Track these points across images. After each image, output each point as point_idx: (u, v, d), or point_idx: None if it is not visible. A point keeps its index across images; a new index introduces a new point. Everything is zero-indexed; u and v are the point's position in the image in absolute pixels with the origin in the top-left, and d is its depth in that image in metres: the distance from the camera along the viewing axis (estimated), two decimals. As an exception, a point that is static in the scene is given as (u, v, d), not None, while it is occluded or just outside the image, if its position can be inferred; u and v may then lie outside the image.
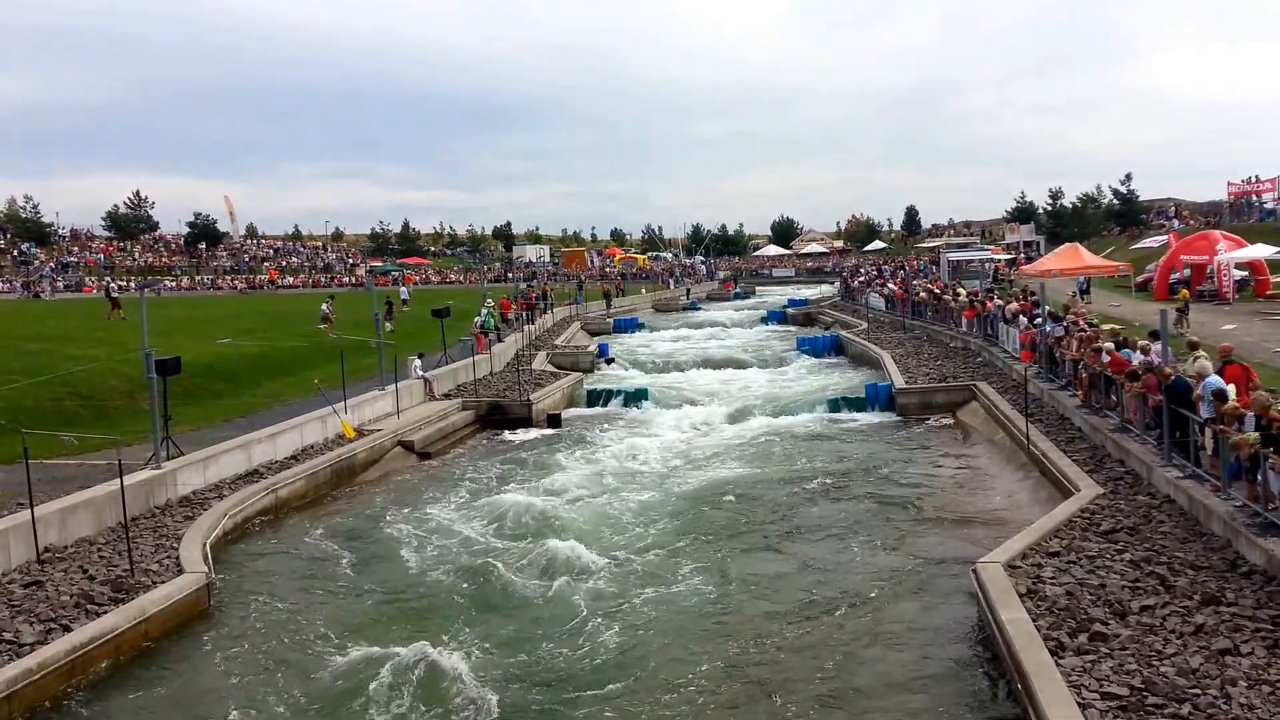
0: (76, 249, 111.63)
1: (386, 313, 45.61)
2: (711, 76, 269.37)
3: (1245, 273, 42.49)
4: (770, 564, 17.24)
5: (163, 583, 15.15)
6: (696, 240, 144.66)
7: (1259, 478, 13.84)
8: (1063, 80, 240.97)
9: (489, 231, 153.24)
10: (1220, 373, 17.03)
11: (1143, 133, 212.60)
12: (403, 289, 65.79)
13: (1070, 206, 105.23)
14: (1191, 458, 16.55)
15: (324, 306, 46.19)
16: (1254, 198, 71.62)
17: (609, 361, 44.82)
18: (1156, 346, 20.11)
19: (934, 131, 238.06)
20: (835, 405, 31.57)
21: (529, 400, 31.36)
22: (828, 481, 22.67)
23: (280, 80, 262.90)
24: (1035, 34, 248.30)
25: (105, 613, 13.94)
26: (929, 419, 29.70)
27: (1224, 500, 14.85)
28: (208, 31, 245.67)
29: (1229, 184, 75.77)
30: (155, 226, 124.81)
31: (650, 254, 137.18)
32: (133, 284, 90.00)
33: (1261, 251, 41.28)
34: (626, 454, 26.32)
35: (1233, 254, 40.99)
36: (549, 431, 30.06)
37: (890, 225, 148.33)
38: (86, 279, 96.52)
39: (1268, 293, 40.89)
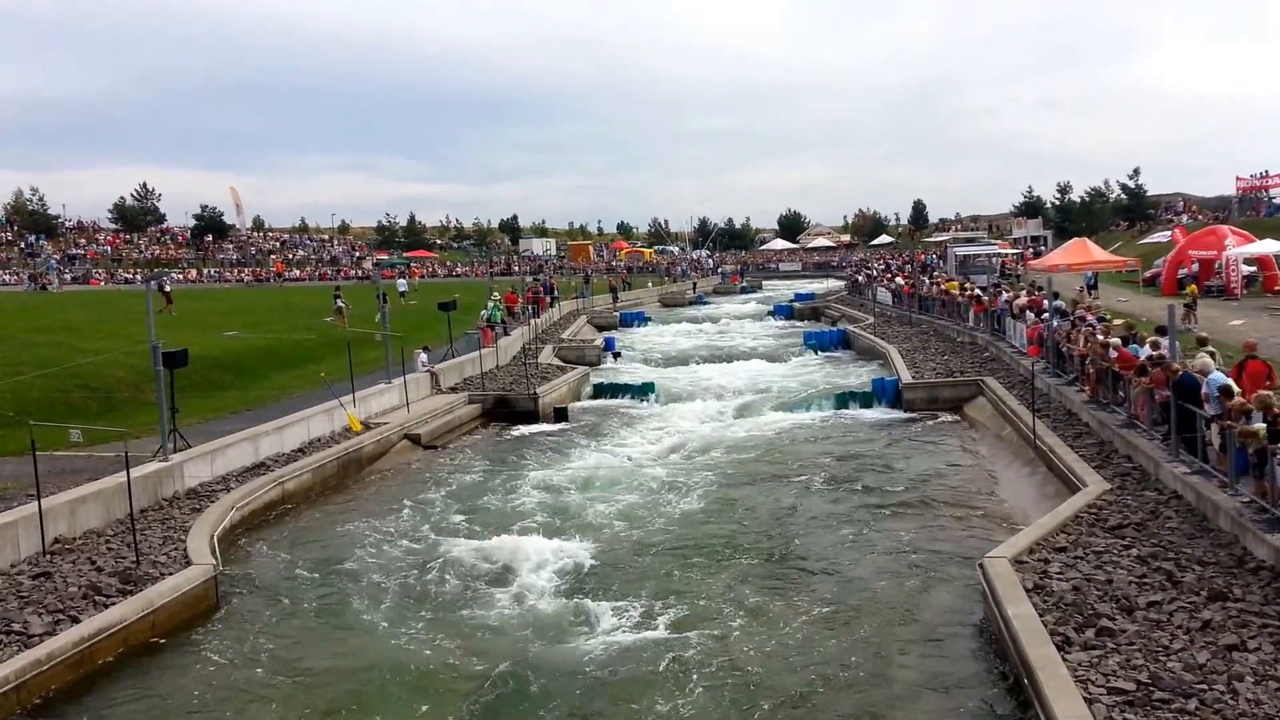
0: (83, 241, 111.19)
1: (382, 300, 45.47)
2: (716, 70, 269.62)
3: (1254, 268, 42.32)
4: (777, 560, 17.21)
5: (170, 575, 15.15)
6: (703, 234, 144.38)
7: (1266, 473, 13.78)
8: (1068, 76, 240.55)
9: (495, 225, 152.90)
10: (1242, 367, 16.98)
11: (1150, 127, 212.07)
12: (401, 282, 65.15)
13: (1078, 201, 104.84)
14: (1199, 453, 16.49)
15: (337, 300, 46.11)
16: (1263, 193, 71.23)
17: (615, 355, 44.84)
18: (1165, 341, 20.05)
19: (940, 126, 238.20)
20: (842, 400, 31.49)
21: (535, 394, 31.33)
22: (834, 477, 22.64)
23: (286, 72, 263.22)
24: (1040, 30, 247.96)
25: (113, 604, 13.94)
26: (936, 414, 29.65)
27: (1231, 496, 14.80)
28: (213, 24, 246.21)
29: (1238, 178, 75.36)
30: (162, 219, 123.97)
31: (656, 248, 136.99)
32: (139, 276, 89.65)
33: (1270, 247, 41.13)
34: (632, 448, 26.33)
35: (1241, 249, 40.85)
36: (556, 425, 30.04)
37: (897, 219, 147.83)
38: (94, 271, 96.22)
39: (1276, 288, 40.77)
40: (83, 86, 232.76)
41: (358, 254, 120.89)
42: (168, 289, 52.25)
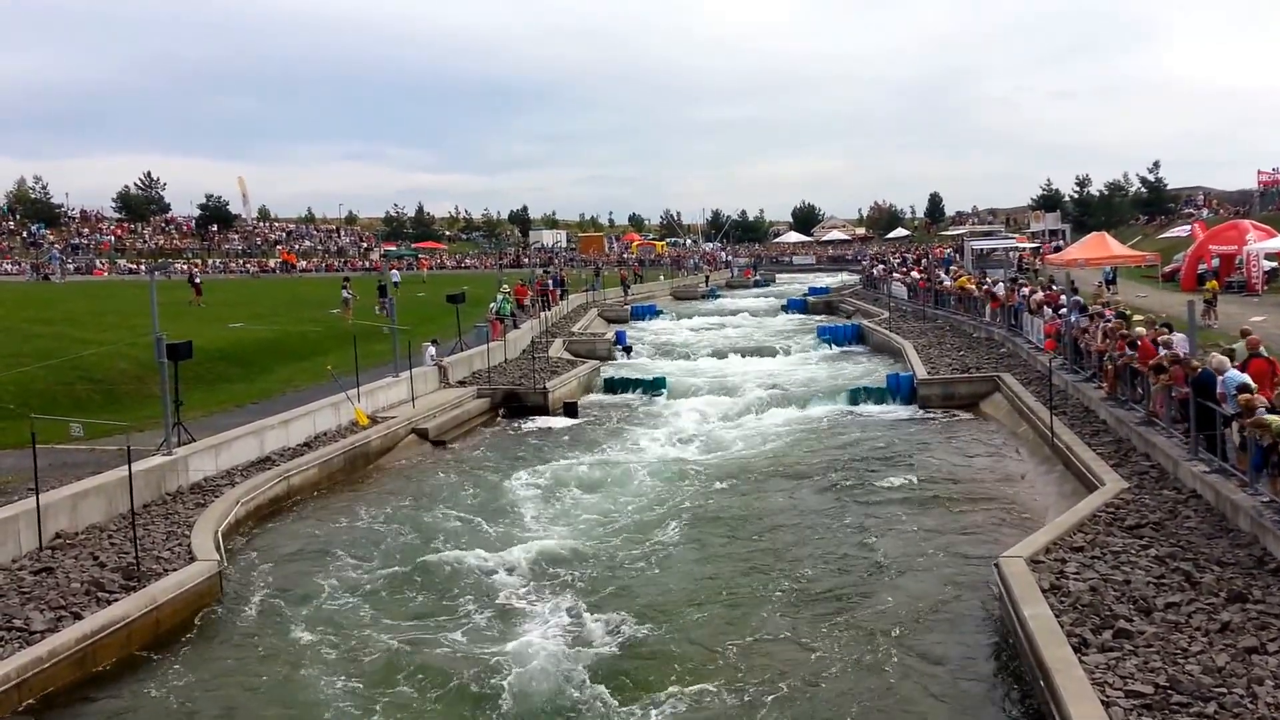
0: (86, 230, 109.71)
1: (380, 293, 45.22)
2: (728, 60, 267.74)
3: (1275, 263, 41.74)
4: (788, 558, 17.00)
5: (174, 570, 15.03)
6: (715, 226, 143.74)
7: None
8: (1086, 66, 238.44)
9: (504, 216, 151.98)
10: (1245, 365, 16.68)
11: (1170, 120, 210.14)
12: (394, 273, 64.28)
13: (1097, 195, 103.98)
14: (1218, 452, 16.22)
15: (344, 291, 45.89)
16: (1284, 187, 70.50)
17: (626, 349, 44.52)
18: (1179, 337, 19.75)
19: (956, 117, 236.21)
20: (856, 396, 31.16)
21: (545, 388, 31.14)
22: (848, 474, 22.38)
23: (293, 61, 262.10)
24: (1056, 19, 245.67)
25: (116, 600, 13.83)
26: (951, 411, 29.35)
27: (1251, 495, 14.54)
28: (220, 11, 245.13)
29: (1259, 172, 74.58)
30: (167, 208, 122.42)
31: (669, 240, 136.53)
32: (143, 266, 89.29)
33: (1292, 243, 40.56)
34: (643, 445, 26.10)
35: (1262, 244, 40.26)
36: (565, 420, 29.82)
37: (913, 212, 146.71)
38: (97, 261, 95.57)
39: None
40: (86, 73, 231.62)
41: (365, 245, 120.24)
42: (198, 280, 52.03)
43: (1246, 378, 15.69)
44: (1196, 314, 20.70)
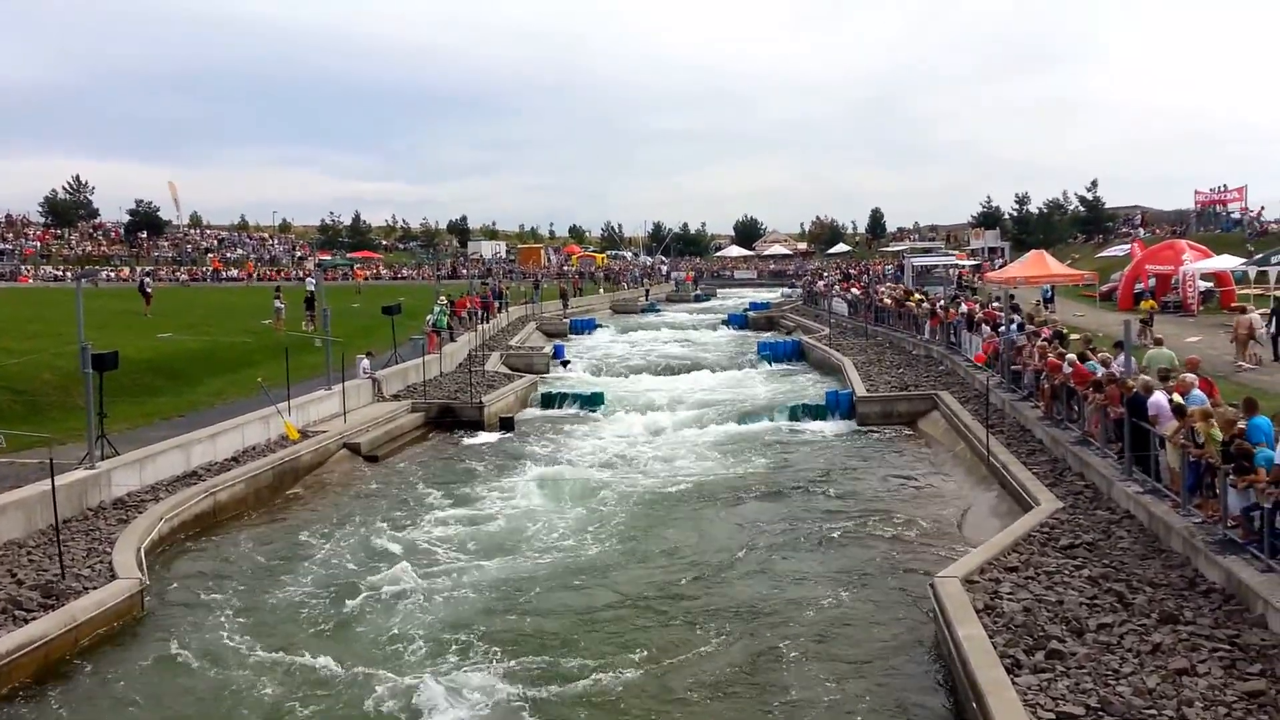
0: (11, 236, 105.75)
1: (306, 306, 44.65)
2: (674, 70, 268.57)
3: (1210, 284, 42.45)
4: (721, 575, 16.89)
5: (94, 588, 14.67)
6: (657, 239, 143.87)
7: (1218, 495, 13.67)
8: (1028, 85, 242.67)
9: (443, 225, 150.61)
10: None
11: (1109, 139, 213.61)
12: (310, 280, 62.96)
13: (1036, 212, 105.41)
14: (1152, 472, 16.39)
15: (276, 301, 45.09)
16: (1221, 207, 71.75)
17: (564, 364, 44.30)
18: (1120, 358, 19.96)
19: (898, 134, 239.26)
20: (795, 413, 31.19)
21: (481, 403, 30.82)
22: (785, 492, 22.35)
23: (228, 64, 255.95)
24: (999, 38, 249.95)
25: (34, 619, 13.45)
26: (890, 428, 29.45)
27: (1184, 516, 14.68)
28: (152, 10, 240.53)
29: (1197, 192, 75.88)
30: (95, 213, 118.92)
31: (609, 252, 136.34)
32: (69, 274, 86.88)
33: (1227, 263, 41.27)
34: (579, 461, 25.90)
35: (1198, 264, 40.93)
36: (501, 435, 29.48)
37: (855, 228, 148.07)
38: (22, 268, 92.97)
39: (1232, 305, 40.90)
40: (13, 72, 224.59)
41: (299, 254, 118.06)
42: (149, 290, 50.83)
43: (1179, 398, 15.88)
44: (1133, 333, 20.94)
